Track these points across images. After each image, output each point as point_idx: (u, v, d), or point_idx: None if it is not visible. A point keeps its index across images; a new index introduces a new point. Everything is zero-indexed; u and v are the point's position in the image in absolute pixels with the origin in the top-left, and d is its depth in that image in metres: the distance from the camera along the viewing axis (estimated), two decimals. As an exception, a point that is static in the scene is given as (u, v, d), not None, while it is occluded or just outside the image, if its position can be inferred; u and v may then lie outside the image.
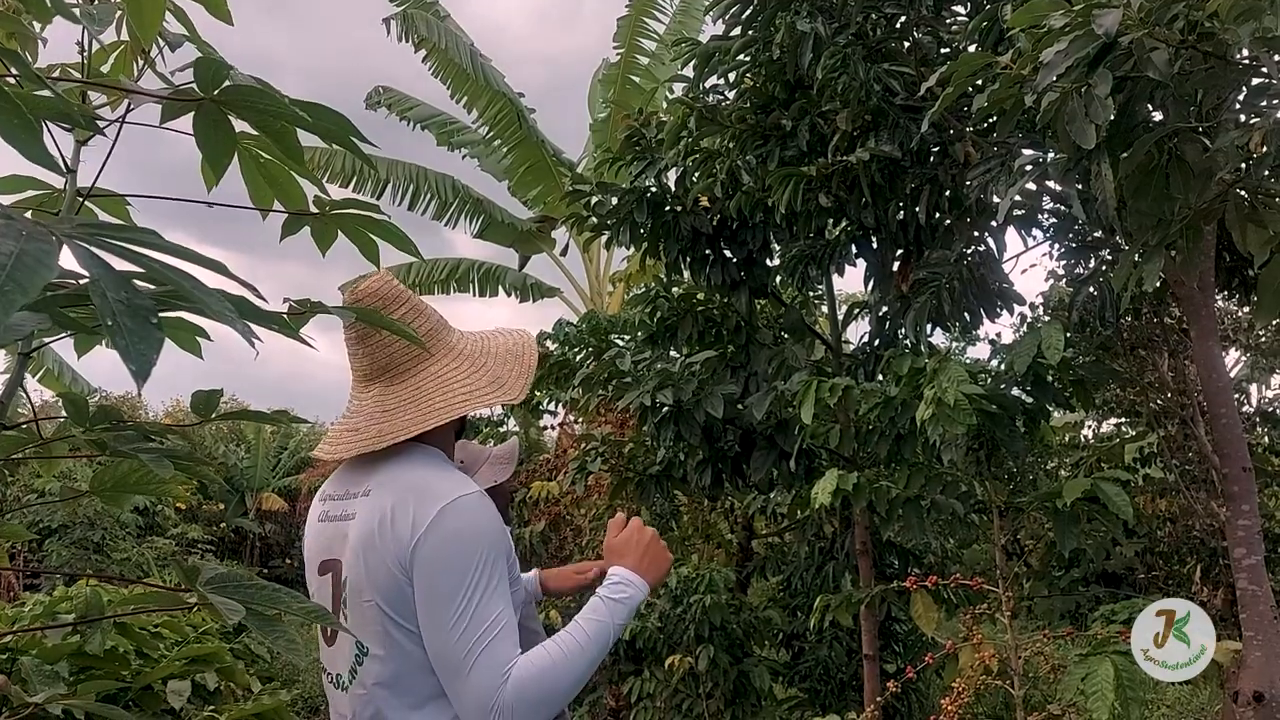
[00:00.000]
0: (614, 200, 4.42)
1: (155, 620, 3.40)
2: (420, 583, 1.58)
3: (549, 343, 6.66)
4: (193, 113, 1.22)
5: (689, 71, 4.12)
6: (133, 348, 0.76)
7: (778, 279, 4.83)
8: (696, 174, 4.28)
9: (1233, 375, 6.50)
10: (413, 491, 1.64)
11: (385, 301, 1.77)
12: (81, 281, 0.96)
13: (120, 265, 0.90)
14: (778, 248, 4.70)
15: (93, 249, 0.83)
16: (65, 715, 1.73)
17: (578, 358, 5.99)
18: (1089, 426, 8.39)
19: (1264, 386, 7.42)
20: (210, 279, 0.97)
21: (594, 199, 4.49)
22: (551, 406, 8.69)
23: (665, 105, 7.62)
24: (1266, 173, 2.36)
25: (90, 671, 2.23)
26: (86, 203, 1.54)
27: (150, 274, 0.86)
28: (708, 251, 4.52)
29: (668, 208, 4.40)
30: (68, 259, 0.92)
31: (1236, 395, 6.54)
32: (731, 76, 4.13)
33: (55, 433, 1.44)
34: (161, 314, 1.54)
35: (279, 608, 1.31)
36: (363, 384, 1.81)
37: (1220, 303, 5.70)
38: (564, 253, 12.57)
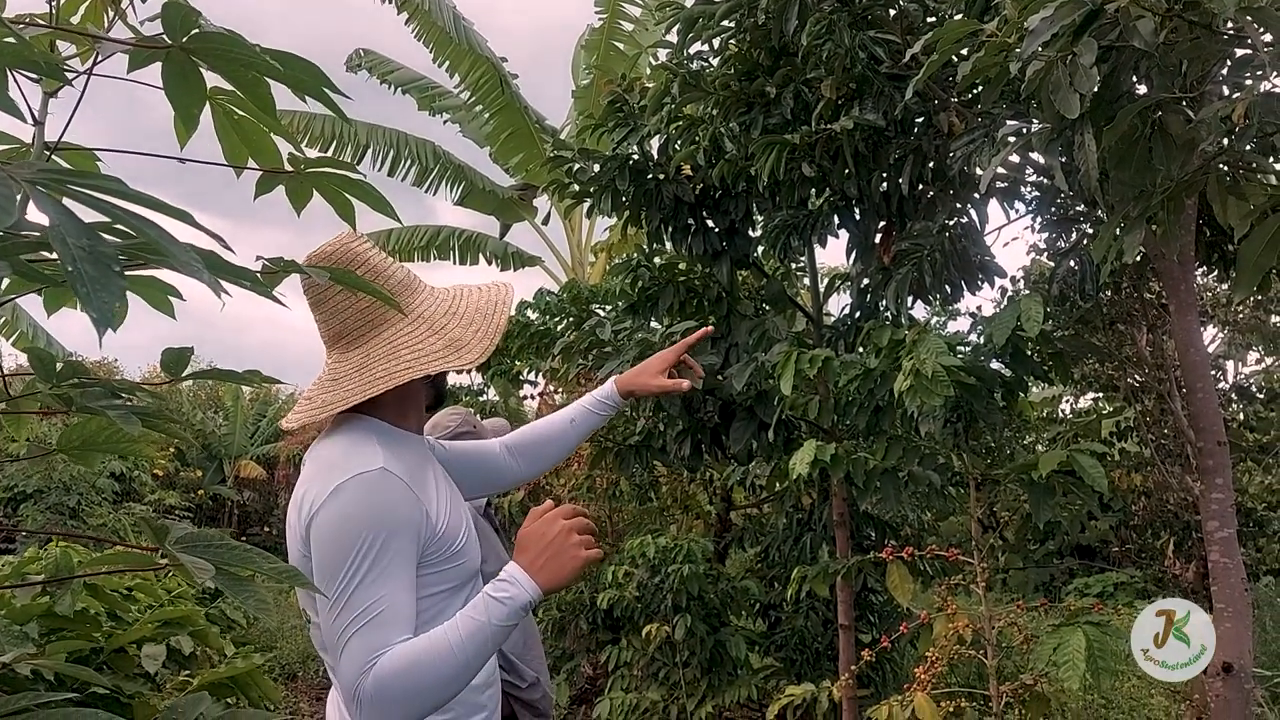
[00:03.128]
0: (596, 167, 4.38)
1: (128, 583, 3.38)
2: (313, 560, 1.56)
3: (530, 312, 6.63)
4: (161, 62, 1.19)
5: (673, 37, 4.08)
6: (94, 295, 0.74)
7: (760, 249, 4.82)
8: (679, 141, 4.25)
9: (1210, 351, 6.54)
10: (321, 469, 1.61)
11: (340, 265, 1.70)
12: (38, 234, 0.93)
13: (88, 217, 0.88)
14: (760, 218, 4.68)
15: (54, 195, 0.80)
16: (35, 676, 1.72)
17: (558, 327, 5.97)
18: (1066, 401, 8.45)
19: (1240, 363, 7.48)
20: (178, 231, 0.95)
21: (575, 166, 4.45)
22: (532, 376, 8.68)
23: (648, 71, 7.57)
24: (1249, 146, 2.36)
25: (61, 633, 2.21)
26: (54, 157, 1.51)
27: (115, 221, 0.84)
28: (690, 220, 4.49)
29: (650, 175, 4.36)
30: (36, 215, 0.90)
31: (1213, 371, 6.59)
32: (716, 42, 4.08)
33: (23, 390, 1.42)
34: (133, 272, 1.51)
35: (251, 568, 1.30)
36: (328, 350, 1.78)
37: (1200, 279, 5.73)
38: (546, 221, 12.53)
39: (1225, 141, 2.36)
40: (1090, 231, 3.89)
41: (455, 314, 1.78)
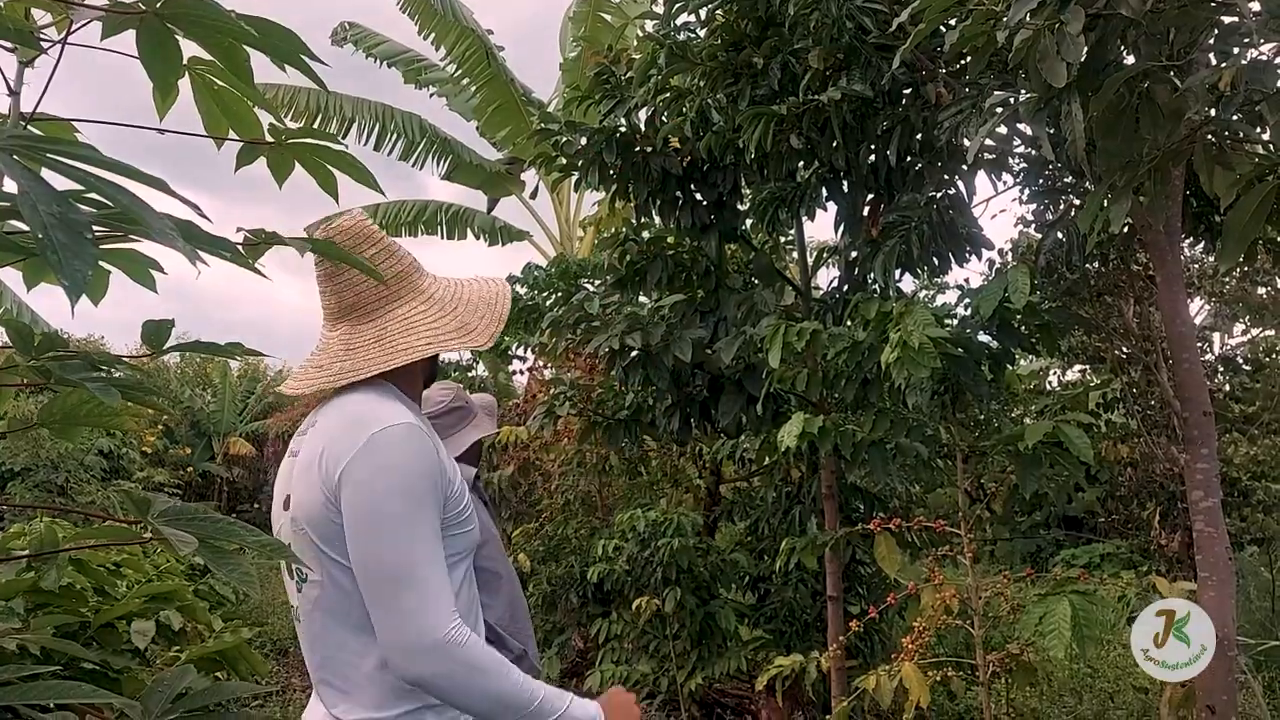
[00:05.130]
0: (583, 140, 4.35)
1: (115, 558, 3.37)
2: (349, 511, 1.57)
3: (518, 286, 6.61)
4: (135, 29, 1.17)
5: (660, 7, 4.05)
6: (66, 263, 0.73)
7: (748, 223, 4.80)
8: (666, 113, 4.22)
9: (1197, 323, 6.56)
10: (347, 422, 1.64)
11: (356, 240, 1.75)
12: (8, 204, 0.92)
13: (61, 187, 0.86)
14: (748, 191, 4.66)
15: (25, 162, 0.79)
16: (21, 650, 1.71)
17: (547, 302, 5.96)
18: (1054, 373, 8.48)
19: (1226, 335, 7.50)
20: (157, 202, 0.94)
21: (563, 138, 4.42)
22: (520, 351, 8.68)
23: (635, 43, 7.52)
24: (1236, 116, 2.35)
25: (47, 608, 2.21)
26: (29, 127, 1.48)
27: (89, 188, 0.83)
28: (678, 194, 4.47)
29: (637, 148, 4.33)
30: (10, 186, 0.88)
31: (1199, 343, 6.61)
32: (703, 13, 4.05)
33: (4, 363, 1.40)
34: (112, 245, 1.50)
35: (237, 542, 1.29)
36: (331, 322, 1.81)
37: (1187, 250, 5.74)
38: (534, 196, 12.46)
39: (1212, 111, 2.36)
40: (1078, 203, 3.89)
41: (460, 300, 1.84)
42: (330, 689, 1.67)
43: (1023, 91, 2.73)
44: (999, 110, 2.79)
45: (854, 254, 4.37)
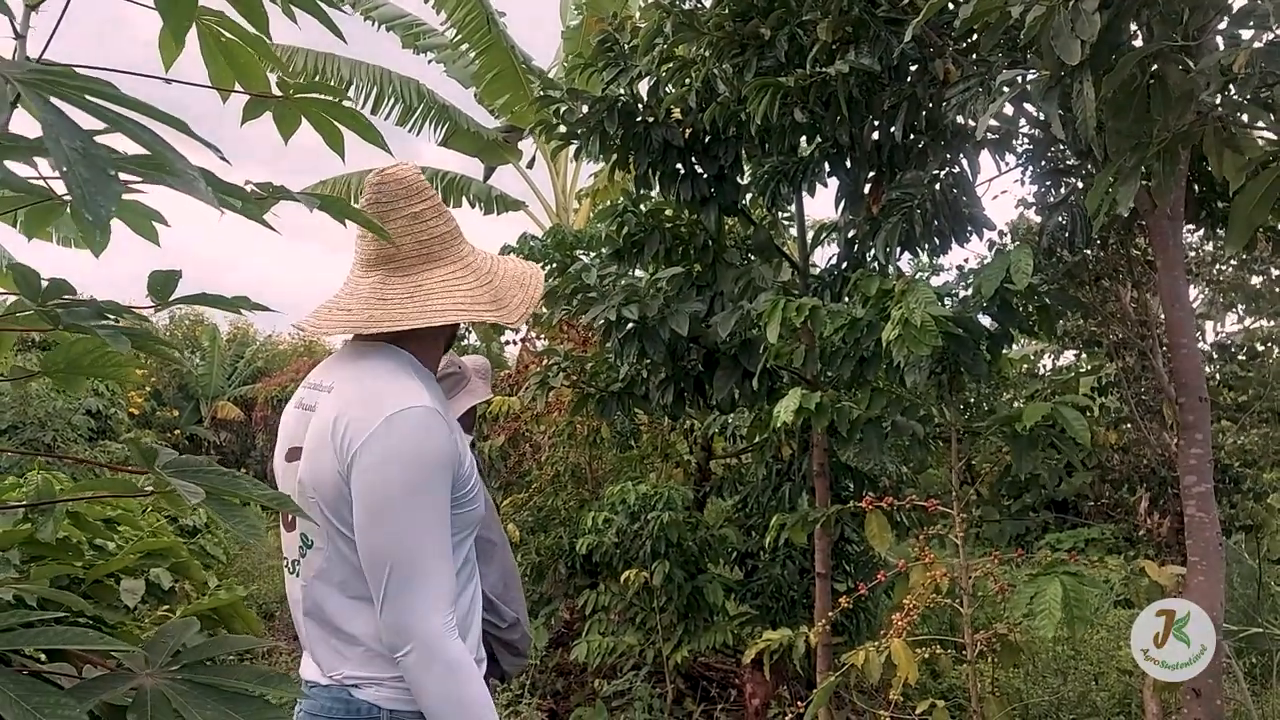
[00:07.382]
0: (584, 108, 4.32)
1: (108, 513, 3.36)
2: (359, 491, 1.58)
3: (513, 256, 6.57)
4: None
5: (667, -24, 4.00)
6: (90, 198, 0.71)
7: (748, 197, 4.78)
8: (670, 83, 4.19)
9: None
10: (365, 396, 1.63)
11: (408, 192, 1.74)
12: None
13: (86, 124, 0.84)
14: (749, 166, 4.64)
15: (46, 95, 0.77)
16: (17, 601, 1.71)
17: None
18: (1048, 357, 8.50)
19: (1219, 323, 7.52)
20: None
21: (564, 106, 4.38)
22: (514, 322, 8.61)
23: (638, 12, 7.45)
24: (1246, 98, 2.34)
25: (42, 560, 2.20)
26: (37, 70, 1.46)
27: (113, 126, 0.81)
28: (678, 166, 4.44)
29: (639, 118, 4.30)
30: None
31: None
32: (710, -19, 4.02)
33: (6, 310, 1.38)
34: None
35: (241, 494, 1.28)
36: (364, 268, 1.78)
37: (1185, 237, 5.74)
38: (531, 165, 12.38)
39: (1219, 97, 2.35)
40: (1081, 186, 3.88)
41: (496, 274, 1.83)
42: (332, 652, 1.68)
43: (1032, 71, 2.71)
44: (1007, 89, 2.77)
45: (853, 231, 4.35)
